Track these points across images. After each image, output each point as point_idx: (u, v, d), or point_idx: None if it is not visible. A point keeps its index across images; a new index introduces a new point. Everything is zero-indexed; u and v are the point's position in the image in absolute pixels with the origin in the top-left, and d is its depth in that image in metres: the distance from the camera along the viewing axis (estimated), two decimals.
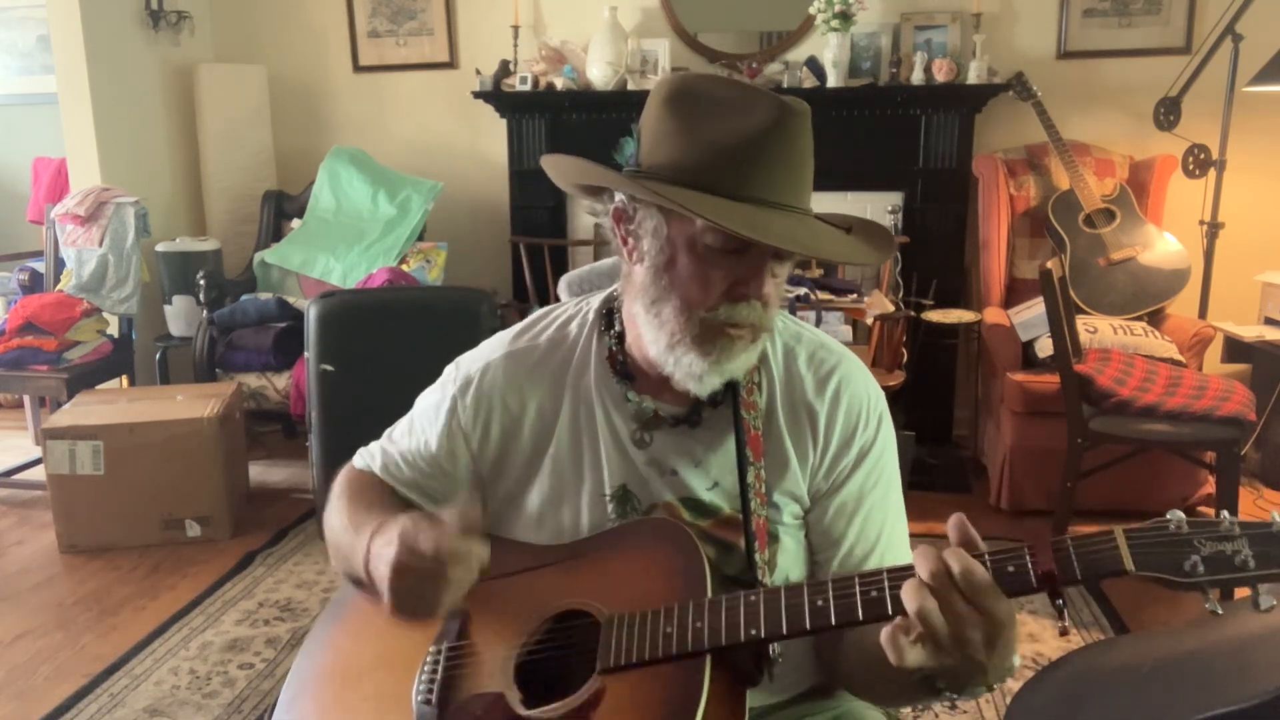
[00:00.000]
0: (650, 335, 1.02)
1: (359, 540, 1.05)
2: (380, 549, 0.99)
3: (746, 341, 1.00)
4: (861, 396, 1.09)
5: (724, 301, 0.98)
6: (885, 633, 0.82)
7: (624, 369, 1.09)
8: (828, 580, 0.88)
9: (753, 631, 0.88)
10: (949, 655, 0.79)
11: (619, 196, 1.03)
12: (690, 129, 0.96)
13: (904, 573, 0.83)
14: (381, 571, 0.97)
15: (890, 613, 0.83)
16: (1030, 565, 0.79)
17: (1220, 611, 0.76)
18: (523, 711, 0.96)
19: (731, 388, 1.05)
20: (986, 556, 0.81)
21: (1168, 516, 0.77)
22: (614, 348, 1.10)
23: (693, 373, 1.00)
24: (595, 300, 1.16)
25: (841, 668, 1.04)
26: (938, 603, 0.79)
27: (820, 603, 0.87)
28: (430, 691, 1.01)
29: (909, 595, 0.80)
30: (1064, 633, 0.84)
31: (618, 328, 1.10)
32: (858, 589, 0.85)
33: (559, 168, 1.08)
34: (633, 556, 1.02)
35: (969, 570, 0.79)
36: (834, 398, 1.07)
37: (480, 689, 1.00)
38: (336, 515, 1.15)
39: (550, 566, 1.06)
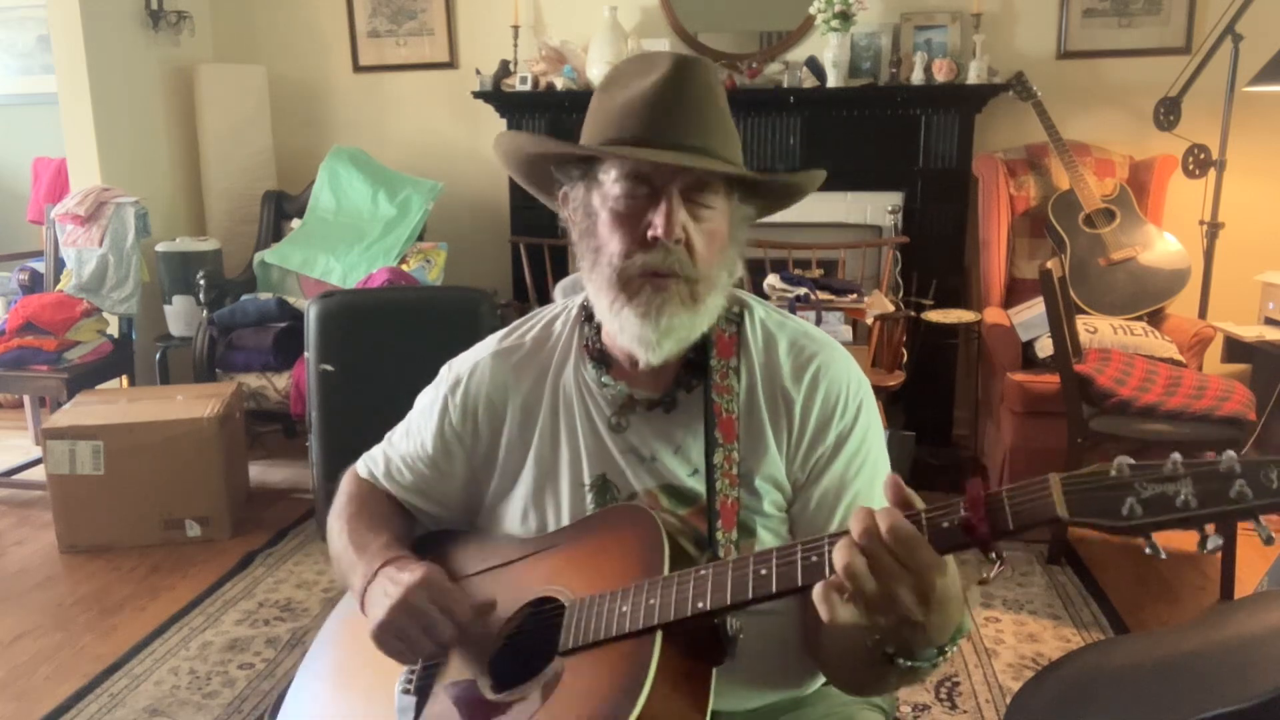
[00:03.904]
0: (598, 307, 1.06)
1: (361, 563, 1.10)
2: (393, 577, 1.03)
3: (683, 294, 1.01)
4: (840, 383, 1.09)
5: (638, 248, 1.01)
6: (818, 589, 0.82)
7: (600, 355, 1.12)
8: (773, 549, 0.89)
9: (699, 604, 0.89)
10: (881, 614, 0.80)
11: (563, 186, 1.09)
12: (606, 102, 1.05)
13: (842, 536, 0.83)
14: (380, 604, 1.02)
15: (828, 576, 0.83)
16: (963, 520, 0.79)
17: (1163, 555, 0.73)
18: (491, 696, 0.99)
19: (704, 371, 1.08)
20: (922, 515, 0.81)
21: (1113, 461, 0.74)
22: (592, 338, 1.13)
23: (639, 336, 1.02)
24: (579, 297, 1.19)
25: (820, 654, 1.05)
26: (866, 560, 0.79)
27: (764, 571, 0.87)
28: (410, 682, 1.05)
29: (838, 554, 0.80)
30: (983, 582, 0.83)
31: (596, 319, 1.13)
32: (799, 555, 0.86)
33: (506, 151, 1.12)
34: (599, 542, 1.04)
35: (896, 527, 0.79)
36: (811, 384, 1.08)
37: (456, 678, 1.04)
38: (339, 528, 1.18)
39: (525, 559, 1.08)
